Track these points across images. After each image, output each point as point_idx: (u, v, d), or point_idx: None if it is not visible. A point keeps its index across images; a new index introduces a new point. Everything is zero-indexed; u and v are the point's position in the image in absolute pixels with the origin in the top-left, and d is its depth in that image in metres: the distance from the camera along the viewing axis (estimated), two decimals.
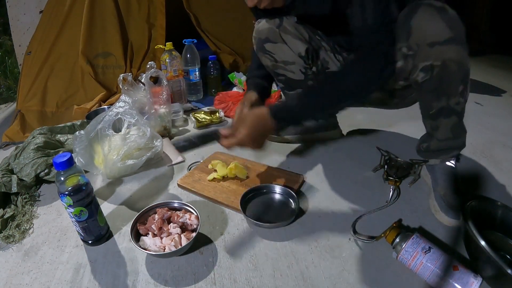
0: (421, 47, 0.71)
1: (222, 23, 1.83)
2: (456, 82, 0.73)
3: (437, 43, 0.69)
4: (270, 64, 0.96)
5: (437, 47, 0.70)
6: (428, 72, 0.73)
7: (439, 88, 0.75)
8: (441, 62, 0.71)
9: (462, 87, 0.74)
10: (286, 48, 0.92)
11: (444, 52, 0.70)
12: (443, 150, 0.84)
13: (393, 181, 0.89)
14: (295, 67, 0.94)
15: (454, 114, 0.78)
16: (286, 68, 0.95)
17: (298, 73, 0.95)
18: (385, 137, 1.22)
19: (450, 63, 0.70)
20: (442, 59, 0.70)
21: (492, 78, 1.90)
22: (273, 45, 0.93)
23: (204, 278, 0.66)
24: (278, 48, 0.93)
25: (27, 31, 1.85)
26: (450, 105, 0.76)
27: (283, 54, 0.93)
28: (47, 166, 0.98)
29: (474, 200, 0.70)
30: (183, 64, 1.60)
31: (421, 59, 0.73)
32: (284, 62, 0.94)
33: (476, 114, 1.42)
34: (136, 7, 1.65)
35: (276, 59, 0.94)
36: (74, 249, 0.75)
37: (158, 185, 0.98)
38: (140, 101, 1.28)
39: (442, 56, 0.70)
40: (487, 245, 0.57)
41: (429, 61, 0.72)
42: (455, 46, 0.69)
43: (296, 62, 0.94)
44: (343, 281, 0.64)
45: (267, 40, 0.93)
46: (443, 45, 0.69)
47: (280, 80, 0.99)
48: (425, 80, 0.75)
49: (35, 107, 1.46)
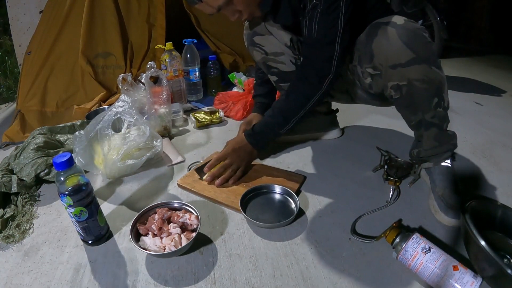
0: (385, 68, 0.74)
1: (222, 23, 1.83)
2: (427, 98, 0.74)
3: (399, 65, 0.71)
4: (261, 57, 1.00)
5: (399, 69, 0.71)
6: (398, 91, 0.76)
7: (412, 105, 0.77)
8: (407, 82, 0.72)
9: (436, 99, 0.75)
10: (273, 39, 0.96)
11: (408, 73, 0.71)
12: (432, 156, 0.85)
13: (393, 181, 0.89)
14: (285, 57, 0.97)
15: (433, 126, 0.79)
16: (277, 60, 0.98)
17: (289, 63, 0.98)
18: (385, 137, 1.22)
19: (416, 83, 0.72)
20: (407, 79, 0.72)
21: (492, 78, 1.90)
22: (261, 37, 0.97)
23: (204, 278, 0.66)
24: (266, 39, 0.96)
25: (27, 31, 1.86)
26: (426, 119, 0.78)
27: (271, 45, 0.96)
28: (47, 166, 0.98)
29: (474, 200, 0.70)
30: (183, 64, 1.60)
31: (387, 79, 0.75)
32: (274, 53, 0.97)
33: (476, 114, 1.42)
34: (136, 7, 1.65)
35: (266, 51, 0.97)
36: (74, 249, 0.75)
37: (158, 185, 0.98)
38: (140, 101, 1.28)
39: (407, 76, 0.72)
40: (487, 245, 0.57)
41: (395, 82, 0.74)
42: (418, 65, 0.70)
43: (285, 53, 0.96)
44: (343, 281, 0.64)
45: (255, 33, 0.97)
46: (406, 67, 0.70)
47: (273, 73, 1.01)
48: (397, 97, 0.77)
49: (35, 107, 1.46)
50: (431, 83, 0.72)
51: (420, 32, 0.69)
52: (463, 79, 1.91)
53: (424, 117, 0.77)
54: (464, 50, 2.62)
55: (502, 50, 2.55)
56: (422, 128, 0.80)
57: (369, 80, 0.81)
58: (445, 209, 0.78)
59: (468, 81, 1.89)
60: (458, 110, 1.45)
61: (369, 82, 0.82)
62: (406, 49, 0.69)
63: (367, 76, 0.80)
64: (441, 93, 0.75)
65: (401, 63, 0.70)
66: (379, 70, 0.75)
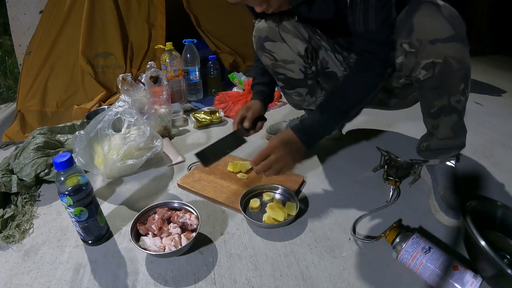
0: (423, 44, 0.71)
1: (222, 23, 1.83)
2: (457, 80, 0.74)
3: (439, 40, 0.70)
4: (269, 63, 0.96)
5: (439, 44, 0.70)
6: (430, 70, 0.73)
7: (441, 86, 0.75)
8: (443, 60, 0.71)
9: (463, 85, 0.74)
10: (286, 47, 0.92)
11: (446, 49, 0.70)
12: (443, 149, 0.84)
13: (393, 181, 0.89)
14: (294, 66, 0.94)
15: (454, 112, 0.78)
16: (286, 67, 0.95)
17: (297, 72, 0.95)
18: (385, 137, 1.22)
19: (451, 61, 0.71)
20: (444, 56, 0.71)
21: (492, 78, 1.90)
22: (273, 43, 0.92)
23: (204, 278, 0.66)
24: (278, 47, 0.92)
25: (27, 31, 1.85)
26: (451, 103, 0.76)
27: (282, 53, 0.93)
28: (47, 166, 0.98)
29: (474, 200, 0.70)
30: (183, 64, 1.60)
31: (423, 56, 0.73)
32: (284, 61, 0.94)
33: (476, 114, 1.42)
34: (136, 7, 1.65)
35: (276, 58, 0.94)
36: (74, 249, 0.75)
37: (158, 185, 0.98)
38: (140, 101, 1.28)
39: (444, 53, 0.70)
40: (487, 245, 0.57)
41: (431, 58, 0.72)
42: (457, 43, 0.70)
43: (296, 61, 0.94)
44: (343, 281, 0.64)
45: (267, 38, 0.92)
46: (445, 42, 0.69)
47: (280, 79, 0.99)
48: (426, 78, 0.75)
49: (35, 107, 1.46)
50: (463, 65, 0.72)
51: (458, 14, 0.70)
52: None
53: (449, 101, 0.76)
54: None
55: (502, 50, 2.55)
56: (442, 115, 0.79)
57: (401, 59, 0.78)
58: (446, 209, 0.78)
59: None
60: None
61: (400, 62, 0.78)
62: (447, 25, 0.68)
63: (401, 53, 0.77)
64: (468, 80, 0.75)
65: (441, 38, 0.69)
66: (415, 47, 0.73)
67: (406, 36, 0.73)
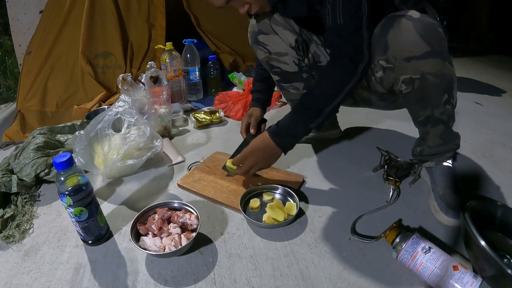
0: (399, 61, 0.72)
1: (222, 23, 1.83)
2: (438, 94, 0.74)
3: (414, 58, 0.70)
4: (264, 56, 0.98)
5: (414, 61, 0.70)
6: (409, 85, 0.75)
7: (423, 99, 0.76)
8: (420, 75, 0.72)
9: (446, 95, 0.74)
10: (278, 39, 0.94)
11: (422, 66, 0.70)
12: (435, 154, 0.85)
13: (393, 181, 0.89)
14: (288, 58, 0.96)
15: (440, 123, 0.79)
16: (280, 60, 0.97)
17: (292, 64, 0.97)
18: (385, 137, 1.22)
19: (429, 76, 0.71)
20: (421, 72, 0.71)
21: (492, 78, 1.90)
22: (266, 36, 0.95)
23: (204, 278, 0.66)
24: (270, 39, 0.95)
25: (27, 31, 1.86)
26: (435, 115, 0.77)
27: (275, 45, 0.95)
28: (47, 166, 0.98)
29: (474, 200, 0.70)
30: (183, 64, 1.60)
31: (400, 72, 0.74)
32: (278, 53, 0.96)
33: (476, 114, 1.42)
34: (136, 7, 1.65)
35: (270, 50, 0.96)
36: (74, 249, 0.75)
37: (158, 185, 0.98)
38: (140, 101, 1.28)
39: (420, 69, 0.71)
40: (487, 245, 0.57)
41: (409, 75, 0.73)
42: (433, 59, 0.69)
43: (289, 53, 0.95)
44: (343, 281, 0.64)
45: (260, 32, 0.95)
46: (420, 60, 0.70)
47: (276, 72, 1.01)
48: (408, 91, 0.76)
49: (35, 107, 1.46)
50: (444, 78, 0.72)
51: (436, 27, 0.69)
52: (463, 79, 1.90)
53: (433, 113, 0.77)
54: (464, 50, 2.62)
55: (502, 50, 2.55)
56: (429, 125, 0.80)
57: (380, 74, 0.79)
58: (445, 209, 0.78)
59: (468, 81, 1.88)
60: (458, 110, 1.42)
61: (380, 76, 0.80)
62: (422, 42, 0.68)
63: (379, 69, 0.78)
64: (451, 90, 0.75)
65: (416, 56, 0.69)
66: (391, 63, 0.74)
67: (382, 53, 0.75)
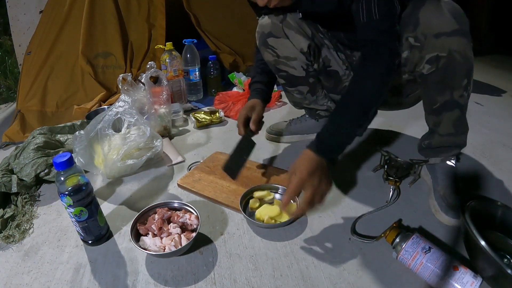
0: (428, 37, 0.72)
1: (222, 23, 1.83)
2: (460, 75, 0.75)
3: (444, 34, 0.71)
4: (272, 59, 0.96)
5: (444, 38, 0.71)
6: (434, 64, 0.74)
7: (444, 80, 0.76)
8: (447, 53, 0.72)
9: (466, 80, 0.75)
10: (289, 43, 0.92)
11: (450, 43, 0.71)
12: (444, 147, 0.85)
13: (393, 181, 0.89)
14: (296, 63, 0.95)
15: (457, 108, 0.79)
16: (288, 64, 0.95)
17: (299, 69, 0.96)
18: (385, 137, 1.22)
19: (455, 54, 0.72)
20: (448, 50, 0.71)
21: (492, 78, 1.90)
22: (276, 39, 0.92)
23: (204, 278, 0.66)
24: (281, 43, 0.92)
25: (27, 31, 1.86)
26: (454, 97, 0.77)
27: (285, 49, 0.93)
28: (47, 166, 0.98)
29: (474, 200, 0.70)
30: (183, 64, 1.60)
31: (427, 50, 0.74)
32: (286, 57, 0.94)
33: (476, 114, 1.42)
34: (136, 7, 1.65)
35: (278, 54, 0.94)
36: (74, 249, 0.75)
37: (158, 185, 0.98)
38: (140, 101, 1.28)
39: (448, 46, 0.71)
40: (487, 245, 0.57)
41: (436, 52, 0.73)
42: (461, 37, 0.71)
43: (298, 58, 0.94)
44: (343, 281, 0.64)
45: (270, 34, 0.92)
46: (449, 36, 0.70)
47: (282, 76, 1.00)
48: (430, 72, 0.76)
49: (35, 107, 1.46)
50: (467, 60, 0.73)
51: (461, 9, 0.71)
52: None
53: (452, 96, 0.77)
54: None
55: (502, 50, 2.55)
56: (444, 111, 0.79)
57: (406, 54, 0.78)
58: (446, 208, 0.78)
59: None
60: None
61: (405, 56, 0.78)
62: (451, 19, 0.70)
63: (406, 48, 0.77)
64: (470, 77, 0.76)
65: (445, 32, 0.70)
66: (420, 41, 0.74)
67: (412, 30, 0.74)
